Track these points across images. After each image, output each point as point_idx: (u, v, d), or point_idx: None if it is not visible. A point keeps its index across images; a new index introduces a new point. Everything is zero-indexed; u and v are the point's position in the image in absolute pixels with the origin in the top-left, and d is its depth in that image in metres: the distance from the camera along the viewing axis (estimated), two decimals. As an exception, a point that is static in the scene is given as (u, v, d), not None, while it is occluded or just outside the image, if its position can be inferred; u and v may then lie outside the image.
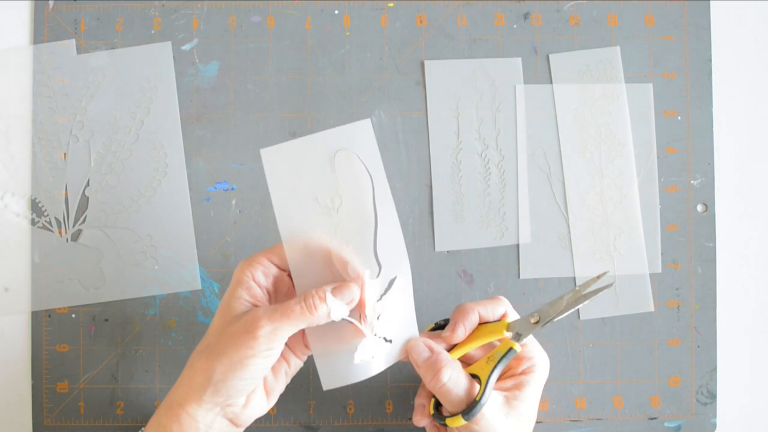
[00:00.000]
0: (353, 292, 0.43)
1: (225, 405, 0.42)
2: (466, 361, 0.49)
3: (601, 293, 0.45)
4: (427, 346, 0.46)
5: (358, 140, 0.44)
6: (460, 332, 0.46)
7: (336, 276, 0.45)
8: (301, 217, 0.44)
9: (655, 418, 0.56)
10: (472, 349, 0.48)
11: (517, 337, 0.45)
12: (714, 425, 0.56)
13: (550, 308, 0.45)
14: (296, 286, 0.45)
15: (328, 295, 0.42)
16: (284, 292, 0.46)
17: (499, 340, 0.46)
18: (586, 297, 0.45)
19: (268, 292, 0.45)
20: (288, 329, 0.41)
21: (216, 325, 0.43)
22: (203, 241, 0.56)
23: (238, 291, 0.43)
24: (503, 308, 0.47)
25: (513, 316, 0.48)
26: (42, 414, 0.55)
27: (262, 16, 0.57)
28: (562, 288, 0.56)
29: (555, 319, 0.45)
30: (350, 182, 0.44)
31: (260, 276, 0.44)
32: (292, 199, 0.44)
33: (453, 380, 0.44)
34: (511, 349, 0.45)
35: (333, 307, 0.42)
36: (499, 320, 0.47)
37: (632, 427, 0.56)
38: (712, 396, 0.56)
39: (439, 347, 0.46)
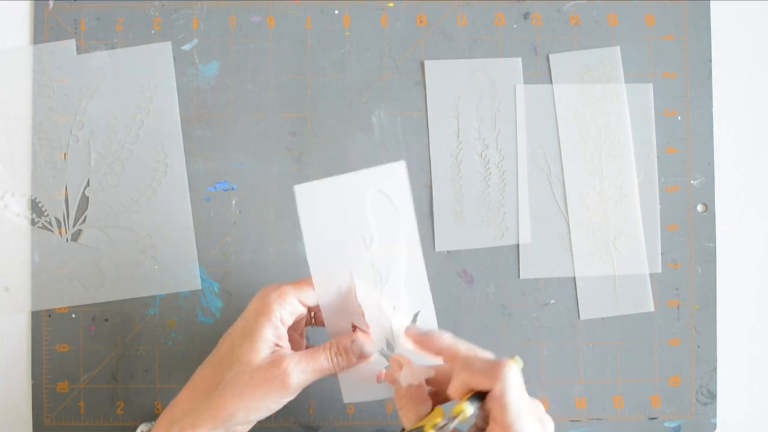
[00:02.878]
0: (370, 346, 0.45)
1: (235, 431, 0.44)
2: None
3: (601, 291, 0.44)
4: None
5: (391, 181, 0.45)
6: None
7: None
8: (334, 253, 0.45)
9: (655, 418, 0.56)
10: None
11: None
12: (714, 425, 0.56)
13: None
14: (327, 324, 0.46)
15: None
16: (299, 326, 0.47)
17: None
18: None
19: (288, 329, 0.45)
20: (315, 379, 0.43)
21: (239, 360, 0.43)
22: (203, 241, 0.56)
23: (266, 330, 0.43)
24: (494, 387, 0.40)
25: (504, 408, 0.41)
26: (42, 414, 0.55)
27: (262, 16, 0.57)
28: (562, 287, 0.56)
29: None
30: (382, 221, 0.45)
31: (287, 316, 0.44)
32: (326, 236, 0.45)
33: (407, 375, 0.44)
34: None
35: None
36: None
37: (632, 427, 0.56)
38: (712, 396, 0.56)
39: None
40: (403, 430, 0.44)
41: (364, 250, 0.45)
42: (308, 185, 0.44)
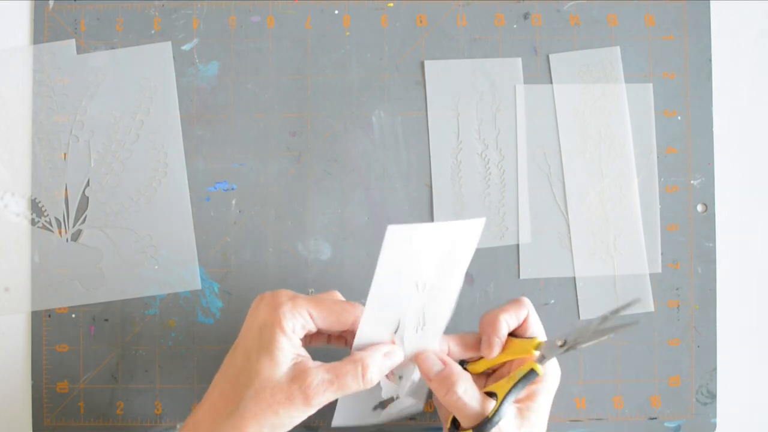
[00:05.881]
0: (399, 356, 0.45)
1: None
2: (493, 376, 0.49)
3: (601, 291, 0.44)
4: (439, 359, 0.46)
5: (466, 234, 0.43)
6: (497, 347, 0.46)
7: None
8: (395, 296, 0.43)
9: (655, 418, 0.56)
10: (496, 363, 0.47)
11: (541, 359, 0.44)
12: (714, 425, 0.56)
13: (577, 333, 0.44)
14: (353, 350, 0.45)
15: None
16: (309, 342, 0.47)
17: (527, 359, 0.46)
18: (614, 330, 0.42)
19: (300, 342, 0.44)
20: (339, 396, 0.43)
21: (258, 375, 0.42)
22: (203, 241, 0.56)
23: (283, 342, 0.42)
24: (526, 310, 0.47)
25: (534, 317, 0.47)
26: (42, 414, 0.55)
27: (262, 16, 0.57)
28: (562, 287, 0.56)
29: (582, 346, 0.43)
30: (442, 269, 0.43)
31: (299, 329, 0.43)
32: (394, 279, 0.43)
33: (468, 394, 0.44)
34: (532, 370, 0.44)
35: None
36: (530, 338, 0.46)
37: (632, 427, 0.56)
38: (712, 396, 0.56)
39: (452, 360, 0.46)
40: (453, 427, 0.46)
41: (418, 294, 0.43)
42: (403, 228, 0.40)
